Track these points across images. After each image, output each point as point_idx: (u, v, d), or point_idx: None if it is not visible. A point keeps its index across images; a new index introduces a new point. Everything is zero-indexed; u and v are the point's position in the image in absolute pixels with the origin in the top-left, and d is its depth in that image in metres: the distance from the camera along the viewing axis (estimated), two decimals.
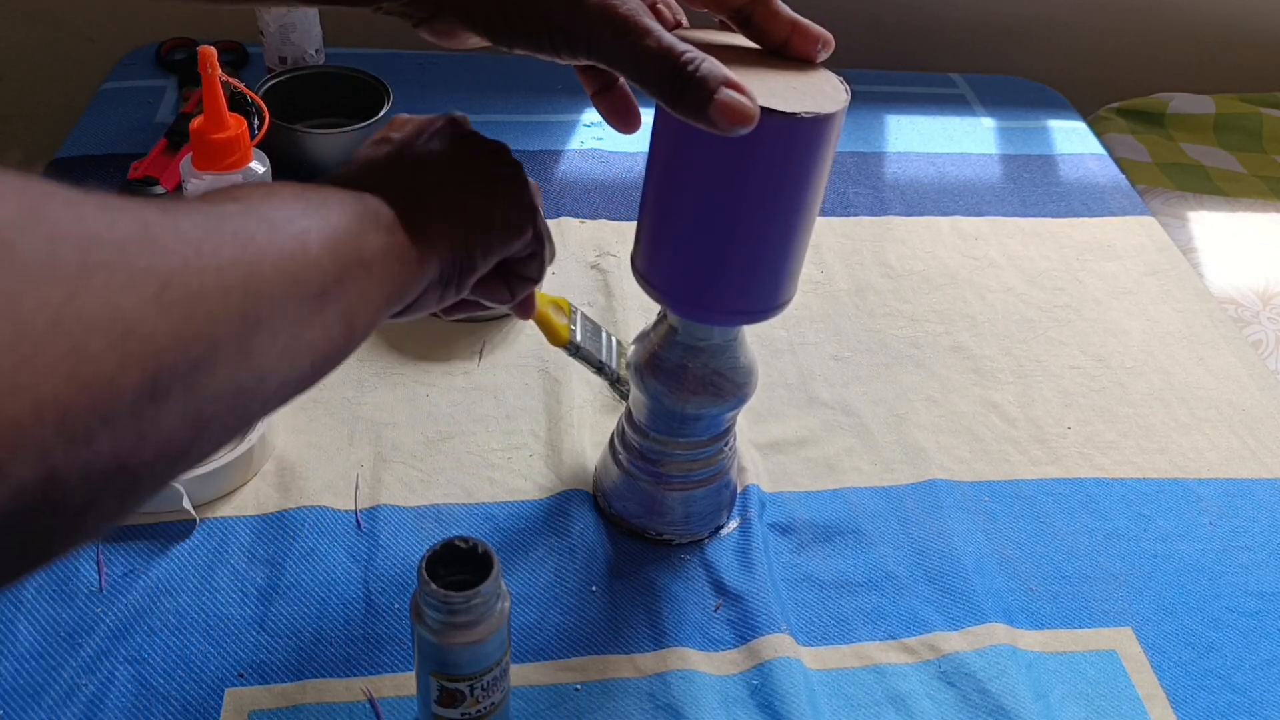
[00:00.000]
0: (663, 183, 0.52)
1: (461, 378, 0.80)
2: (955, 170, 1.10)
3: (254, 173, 0.71)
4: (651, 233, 0.54)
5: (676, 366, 0.60)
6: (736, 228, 0.50)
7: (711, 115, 0.43)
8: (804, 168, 0.48)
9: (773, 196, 0.49)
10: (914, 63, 1.34)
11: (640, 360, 0.62)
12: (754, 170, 0.48)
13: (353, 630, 0.63)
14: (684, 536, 0.69)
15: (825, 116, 0.46)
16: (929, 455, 0.78)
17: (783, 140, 0.47)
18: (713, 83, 0.43)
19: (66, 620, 0.62)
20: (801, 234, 0.52)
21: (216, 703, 0.59)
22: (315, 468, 0.72)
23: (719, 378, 0.60)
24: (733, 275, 0.52)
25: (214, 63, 0.67)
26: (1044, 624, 0.67)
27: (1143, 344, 0.90)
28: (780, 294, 0.55)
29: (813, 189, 0.50)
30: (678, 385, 0.60)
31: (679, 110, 0.43)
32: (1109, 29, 1.42)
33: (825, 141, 0.48)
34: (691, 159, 0.49)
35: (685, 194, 0.51)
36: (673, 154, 0.50)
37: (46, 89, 1.31)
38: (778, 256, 0.52)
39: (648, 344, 0.61)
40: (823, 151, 0.48)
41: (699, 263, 0.52)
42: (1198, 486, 0.78)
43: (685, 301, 0.55)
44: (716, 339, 0.59)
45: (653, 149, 0.52)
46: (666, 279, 0.55)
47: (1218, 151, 1.30)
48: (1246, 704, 0.64)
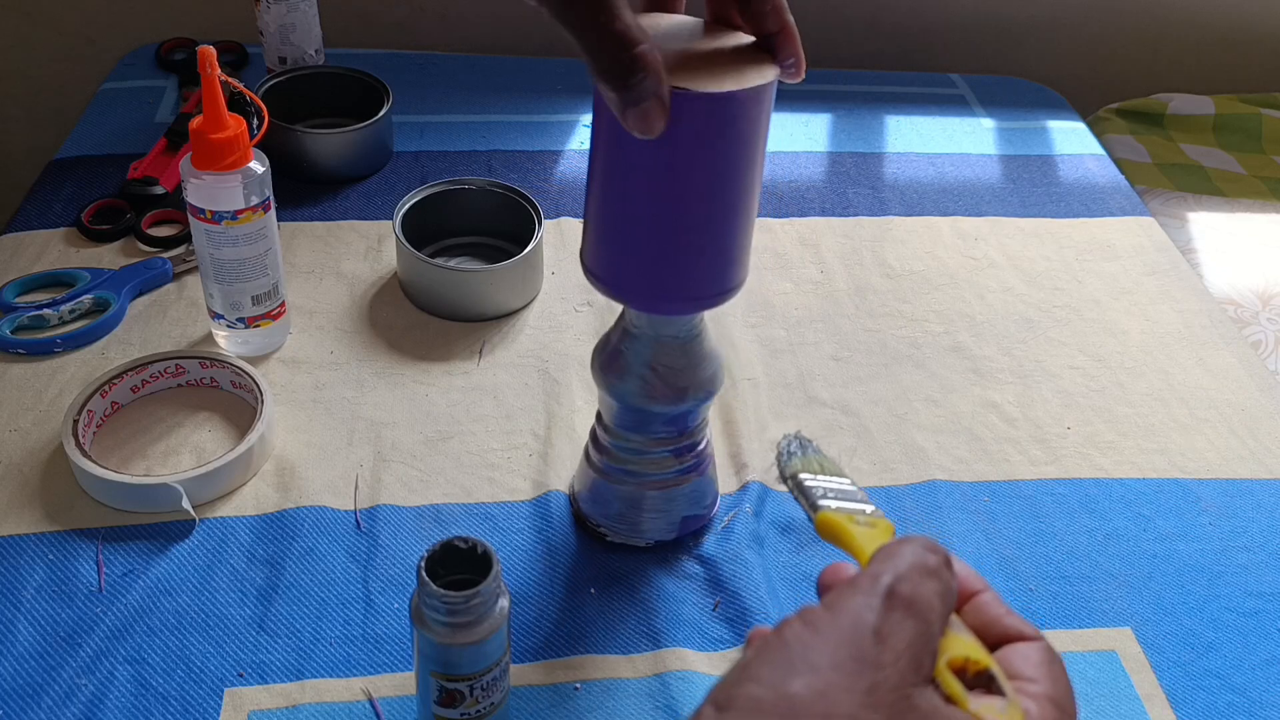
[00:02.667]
0: (601, 174, 0.53)
1: (461, 378, 0.80)
2: (955, 171, 1.10)
3: (253, 173, 0.71)
4: (596, 226, 0.54)
5: (639, 364, 0.59)
6: (674, 212, 0.51)
7: (629, 120, 0.45)
8: (730, 146, 0.49)
9: (705, 177, 0.50)
10: (914, 63, 1.34)
11: (602, 361, 0.61)
12: (681, 152, 0.49)
13: (352, 630, 0.63)
14: (650, 539, 0.68)
15: (742, 93, 0.47)
16: (928, 455, 0.78)
17: (704, 119, 0.47)
18: (652, 82, 0.45)
19: (66, 620, 0.62)
20: (742, 214, 0.52)
21: (216, 702, 0.59)
22: (315, 467, 0.72)
23: (682, 373, 0.59)
24: (676, 261, 0.53)
25: (213, 63, 0.67)
26: (1043, 624, 0.67)
27: (1142, 344, 0.90)
28: (729, 278, 0.55)
29: (744, 167, 0.51)
30: (641, 383, 0.59)
31: (606, 97, 0.45)
32: (1109, 29, 1.42)
33: (747, 119, 0.49)
34: (626, 147, 0.50)
35: (622, 183, 0.51)
36: (609, 145, 0.51)
37: (46, 89, 1.31)
38: (720, 239, 0.53)
39: (609, 344, 0.61)
40: (745, 129, 0.49)
41: (643, 252, 0.53)
42: (1197, 486, 0.78)
43: (634, 293, 0.55)
44: (676, 332, 0.58)
45: (593, 143, 0.53)
46: (614, 272, 0.55)
47: (1217, 152, 1.30)
48: (1246, 704, 0.64)
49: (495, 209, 0.91)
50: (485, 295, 0.84)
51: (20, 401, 0.75)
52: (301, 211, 0.95)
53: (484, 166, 1.02)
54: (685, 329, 0.58)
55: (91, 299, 0.82)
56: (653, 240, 0.52)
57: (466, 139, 1.06)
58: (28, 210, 0.92)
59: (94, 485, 0.68)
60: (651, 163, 0.50)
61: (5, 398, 0.75)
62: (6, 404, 0.75)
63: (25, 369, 0.77)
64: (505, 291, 0.85)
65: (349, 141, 0.98)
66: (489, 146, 1.05)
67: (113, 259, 0.87)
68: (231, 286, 0.76)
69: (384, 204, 0.96)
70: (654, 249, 0.52)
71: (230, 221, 0.72)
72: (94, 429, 0.72)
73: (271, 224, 0.75)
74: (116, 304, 0.82)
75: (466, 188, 0.91)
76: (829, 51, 1.34)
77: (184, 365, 0.76)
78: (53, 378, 0.77)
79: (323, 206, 0.96)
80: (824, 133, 1.14)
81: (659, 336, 0.58)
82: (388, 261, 0.90)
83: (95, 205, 0.91)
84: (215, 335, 0.80)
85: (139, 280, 0.84)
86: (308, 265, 0.89)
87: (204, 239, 0.74)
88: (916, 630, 0.32)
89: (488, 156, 1.03)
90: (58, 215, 0.91)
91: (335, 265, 0.89)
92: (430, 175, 0.99)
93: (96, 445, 0.72)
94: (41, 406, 0.75)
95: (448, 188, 0.90)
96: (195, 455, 0.72)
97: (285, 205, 0.93)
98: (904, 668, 0.31)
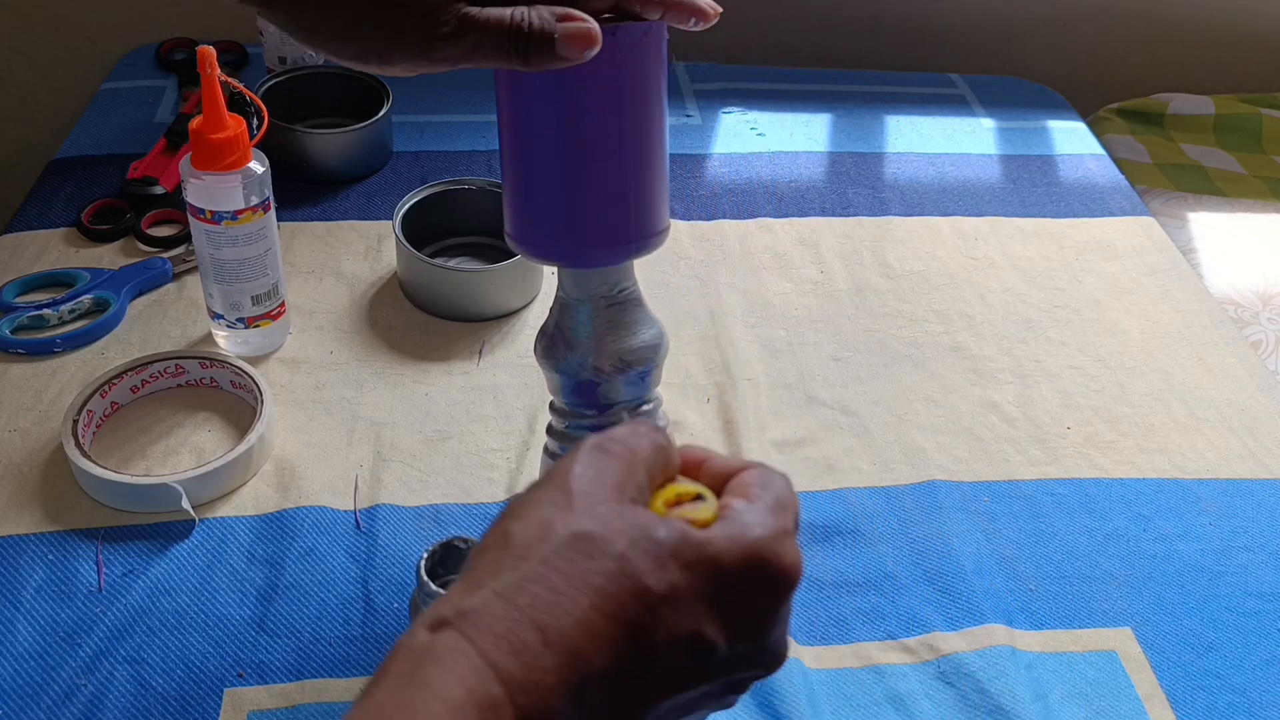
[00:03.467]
0: (509, 136, 0.54)
1: (461, 378, 0.80)
2: (955, 170, 1.10)
3: (253, 173, 0.71)
4: (510, 189, 0.56)
5: (581, 334, 0.59)
6: (578, 155, 0.52)
7: (562, 55, 0.46)
8: (627, 82, 0.51)
9: (604, 114, 0.51)
10: (914, 63, 1.34)
11: (545, 341, 0.61)
12: (578, 88, 0.50)
13: (352, 630, 0.63)
14: None
15: (637, 26, 0.50)
16: (928, 455, 0.78)
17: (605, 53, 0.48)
18: (549, 27, 0.45)
19: (65, 620, 0.62)
20: (643, 155, 0.53)
21: (215, 703, 0.59)
22: (314, 467, 0.72)
23: (621, 338, 0.60)
24: (587, 207, 0.54)
25: (213, 63, 0.67)
26: (1043, 624, 0.67)
27: (1142, 344, 0.90)
28: (648, 221, 0.55)
29: (642, 106, 0.52)
30: (586, 352, 0.60)
31: (534, 66, 0.46)
32: (1109, 29, 1.42)
33: (642, 55, 0.50)
34: (527, 100, 0.52)
35: (526, 137, 0.53)
36: (511, 101, 0.52)
37: (46, 89, 1.31)
38: (632, 178, 0.54)
39: (548, 325, 0.61)
40: (639, 66, 0.51)
41: (557, 202, 0.54)
42: (1197, 486, 0.78)
43: (552, 246, 0.56)
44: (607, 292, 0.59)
45: (499, 110, 0.54)
46: (531, 231, 0.56)
47: (1217, 152, 1.30)
48: (1246, 704, 0.64)
49: (495, 209, 0.89)
50: (485, 295, 0.84)
51: (20, 401, 0.75)
52: (301, 211, 0.95)
53: (484, 166, 1.02)
54: (614, 289, 0.59)
55: (91, 299, 0.82)
56: (560, 188, 0.53)
57: (466, 139, 1.06)
58: (28, 210, 0.92)
59: (94, 485, 0.68)
60: (548, 107, 0.51)
61: (5, 398, 0.75)
62: (6, 404, 0.75)
63: (25, 369, 0.77)
64: (505, 291, 0.85)
65: (349, 141, 0.98)
66: (489, 146, 1.05)
67: (113, 259, 0.87)
68: (231, 286, 0.76)
69: (384, 204, 0.96)
70: (562, 197, 0.54)
71: (230, 222, 0.72)
72: (94, 429, 0.72)
73: (271, 224, 0.75)
74: (116, 304, 0.82)
75: (466, 188, 0.91)
76: (829, 51, 1.34)
77: (184, 365, 0.76)
78: (53, 378, 0.77)
79: (323, 206, 0.96)
80: (824, 133, 1.14)
81: (590, 299, 0.58)
82: (388, 261, 0.90)
83: (95, 205, 0.91)
84: (215, 335, 0.80)
85: (139, 280, 0.84)
86: (308, 265, 0.89)
87: (204, 239, 0.74)
88: (616, 464, 0.37)
89: (488, 156, 1.03)
90: (58, 215, 0.91)
91: (335, 265, 0.89)
92: (430, 175, 0.99)
93: (96, 445, 0.72)
94: (41, 406, 0.75)
95: (448, 188, 0.90)
96: (195, 455, 0.72)
97: (285, 205, 0.93)
98: (606, 490, 0.36)
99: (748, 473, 0.40)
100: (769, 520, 0.37)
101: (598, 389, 0.61)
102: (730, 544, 0.35)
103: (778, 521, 0.37)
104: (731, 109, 1.16)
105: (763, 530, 0.36)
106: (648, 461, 0.38)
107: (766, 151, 1.10)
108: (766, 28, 1.33)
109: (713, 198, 1.02)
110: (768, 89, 1.20)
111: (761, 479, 0.39)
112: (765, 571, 0.36)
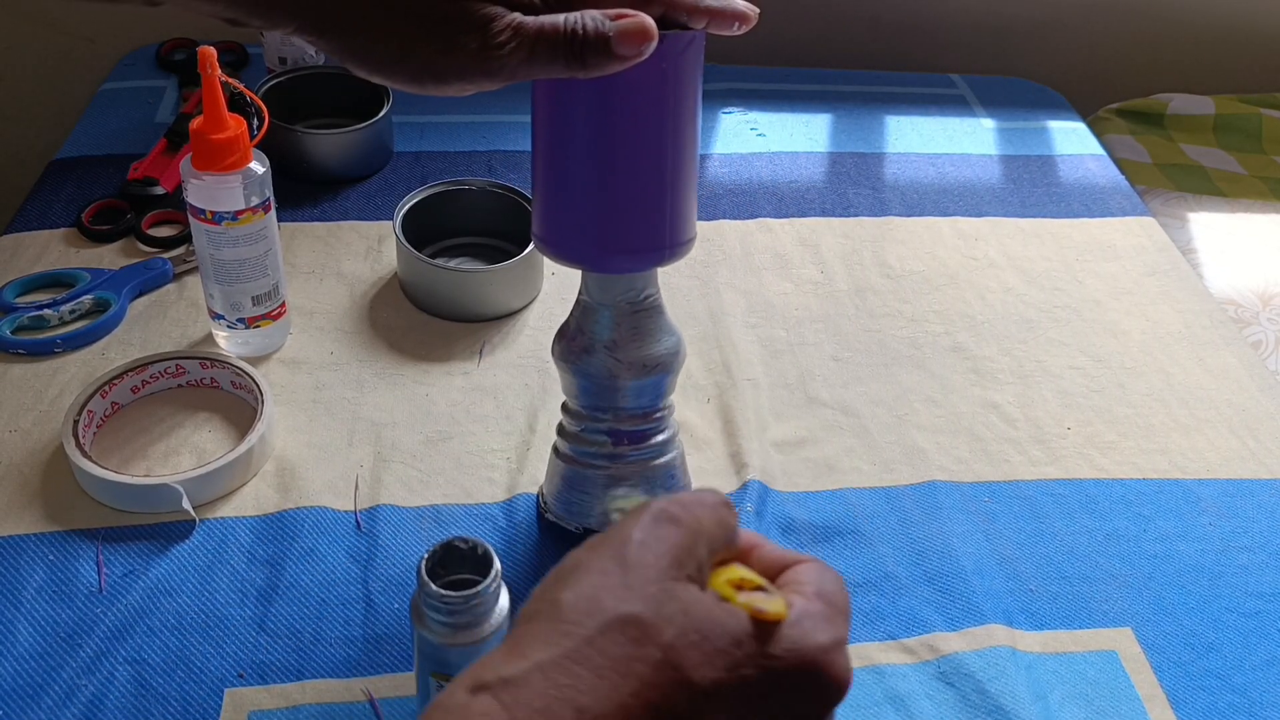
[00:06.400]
0: (544, 137, 0.54)
1: (461, 378, 0.80)
2: (955, 171, 1.10)
3: (254, 173, 0.71)
4: (541, 191, 0.55)
5: (602, 337, 0.60)
6: (611, 162, 0.52)
7: (619, 53, 0.45)
8: (665, 91, 0.51)
9: (642, 122, 0.51)
10: (914, 63, 1.34)
11: (564, 342, 0.61)
12: (618, 96, 0.50)
13: (352, 630, 0.63)
14: None
15: (682, 35, 0.49)
16: (928, 456, 0.78)
17: (649, 63, 0.48)
18: (603, 29, 0.45)
19: (66, 621, 0.62)
20: (675, 165, 0.53)
21: (216, 703, 0.59)
22: (315, 468, 0.72)
23: (642, 344, 0.60)
24: (617, 214, 0.54)
25: (214, 63, 0.67)
26: (1043, 624, 0.67)
27: (1142, 344, 0.90)
28: (681, 229, 0.56)
29: (678, 116, 0.52)
30: (606, 356, 0.60)
31: (591, 71, 0.45)
32: (1109, 29, 1.42)
33: (681, 65, 0.50)
34: (568, 106, 0.51)
35: (563, 141, 0.53)
36: (549, 104, 0.52)
37: (46, 89, 1.31)
38: (669, 186, 0.54)
39: (569, 325, 0.62)
40: (678, 76, 0.51)
41: (592, 207, 0.54)
42: (1197, 487, 0.78)
43: (581, 251, 0.56)
44: (630, 298, 0.59)
45: (533, 111, 0.54)
46: (563, 234, 0.56)
47: (1217, 152, 1.30)
48: (1246, 704, 0.64)
49: (495, 209, 0.91)
50: (485, 295, 0.84)
51: (20, 401, 0.75)
52: (301, 212, 0.95)
53: (484, 166, 1.02)
54: (639, 295, 0.59)
55: (91, 299, 0.82)
56: (597, 193, 0.53)
57: (466, 139, 1.06)
58: (28, 210, 0.92)
59: (94, 486, 0.68)
60: (589, 113, 0.51)
61: (5, 398, 0.75)
62: (6, 404, 0.75)
63: (25, 369, 0.77)
64: (505, 292, 0.85)
65: (349, 142, 0.98)
66: (489, 146, 1.05)
67: (113, 259, 0.87)
68: (232, 287, 0.76)
69: (384, 204, 0.96)
70: (598, 202, 0.54)
71: (230, 222, 0.72)
72: (94, 429, 0.72)
73: (272, 224, 0.75)
74: (116, 304, 0.82)
75: (466, 188, 0.91)
76: (829, 51, 1.34)
77: (184, 365, 0.76)
78: (53, 378, 0.77)
79: (323, 207, 0.96)
80: (824, 133, 1.14)
81: (614, 304, 0.59)
82: (388, 262, 0.90)
83: (95, 205, 0.91)
84: (215, 335, 0.80)
85: (139, 280, 0.84)
86: (308, 266, 0.89)
87: (204, 239, 0.74)
88: (677, 537, 0.35)
89: (488, 156, 1.03)
90: (58, 215, 0.91)
91: (335, 266, 0.89)
92: (430, 175, 0.99)
93: (97, 446, 0.72)
94: (41, 406, 0.75)
95: (448, 188, 0.90)
96: (195, 456, 0.72)
97: (285, 205, 0.93)
98: (663, 565, 0.34)
99: (802, 568, 0.38)
100: (828, 629, 0.35)
101: (613, 393, 0.61)
102: (789, 652, 0.34)
103: (836, 631, 0.36)
104: (731, 109, 1.16)
105: (824, 638, 0.35)
106: (710, 536, 0.37)
107: (766, 152, 1.10)
108: (766, 28, 1.32)
109: (713, 198, 1.02)
110: (768, 89, 1.20)
111: (819, 578, 0.37)
112: (819, 680, 0.35)
